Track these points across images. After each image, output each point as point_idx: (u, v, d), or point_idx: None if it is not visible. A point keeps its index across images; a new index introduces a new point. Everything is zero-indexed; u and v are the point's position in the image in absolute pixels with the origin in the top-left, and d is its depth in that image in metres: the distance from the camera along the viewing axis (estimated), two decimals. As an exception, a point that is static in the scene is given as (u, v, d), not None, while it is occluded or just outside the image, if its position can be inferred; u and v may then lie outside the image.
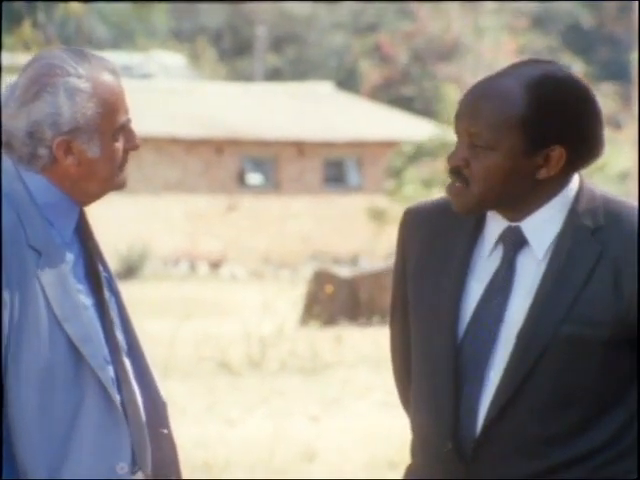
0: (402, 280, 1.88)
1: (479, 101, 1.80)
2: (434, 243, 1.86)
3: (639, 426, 1.81)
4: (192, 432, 6.55)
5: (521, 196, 1.80)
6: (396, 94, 28.83)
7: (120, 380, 1.86)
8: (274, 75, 30.11)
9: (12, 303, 1.81)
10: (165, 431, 1.91)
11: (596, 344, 1.77)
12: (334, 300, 11.72)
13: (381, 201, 20.13)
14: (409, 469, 1.88)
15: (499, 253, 1.82)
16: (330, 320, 11.20)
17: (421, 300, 1.85)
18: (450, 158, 1.82)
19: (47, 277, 1.83)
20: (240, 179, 20.67)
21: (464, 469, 1.79)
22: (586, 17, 32.78)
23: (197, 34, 31.82)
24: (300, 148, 20.87)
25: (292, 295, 12.31)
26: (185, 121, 20.51)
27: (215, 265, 19.86)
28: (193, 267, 19.69)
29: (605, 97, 29.39)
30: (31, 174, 1.87)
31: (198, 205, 20.34)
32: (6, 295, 1.80)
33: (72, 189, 1.88)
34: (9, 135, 1.86)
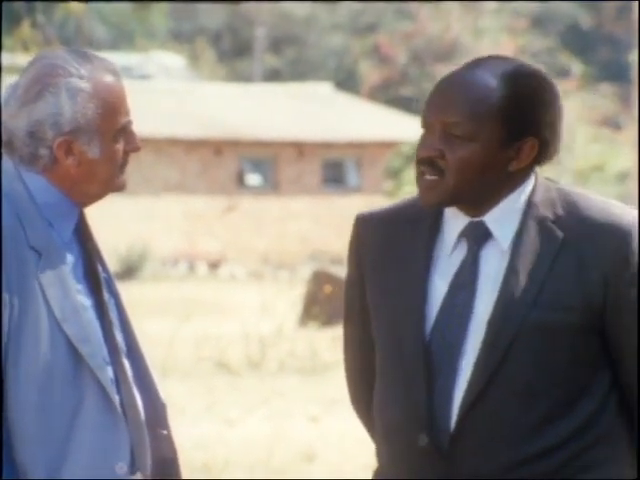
0: (359, 284, 1.87)
1: (456, 91, 1.79)
2: (391, 246, 1.85)
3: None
4: (191, 432, 6.55)
5: (490, 189, 1.80)
6: (395, 95, 28.83)
7: (119, 381, 1.87)
8: (273, 76, 30.11)
9: (12, 303, 1.81)
10: (164, 432, 1.91)
11: (565, 330, 1.78)
12: (333, 300, 11.72)
13: (380, 202, 20.12)
14: (377, 472, 1.87)
15: (462, 249, 1.82)
16: (329, 320, 11.19)
17: (384, 301, 1.84)
18: (421, 149, 1.80)
19: (47, 278, 1.83)
20: (239, 180, 20.67)
21: (440, 462, 1.78)
22: (585, 18, 32.78)
23: (196, 35, 31.82)
24: (299, 149, 20.88)
25: (291, 295, 12.30)
26: (184, 122, 20.51)
27: (214, 266, 19.86)
28: (192, 268, 19.69)
29: (604, 98, 29.40)
30: (31, 174, 1.87)
31: (197, 206, 20.34)
32: (6, 295, 1.81)
33: (72, 190, 1.88)
34: (10, 134, 1.86)
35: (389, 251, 1.85)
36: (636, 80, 21.61)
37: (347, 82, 28.50)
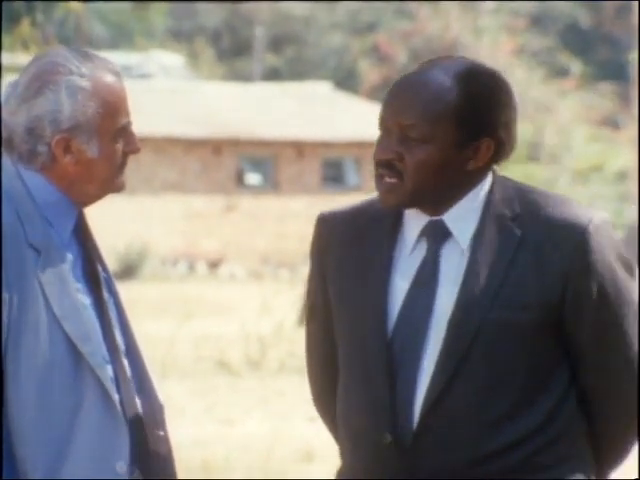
0: (321, 283, 1.88)
1: (412, 94, 1.80)
2: (353, 246, 1.86)
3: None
4: (191, 432, 6.54)
5: (448, 189, 1.81)
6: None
7: (119, 380, 1.86)
8: (273, 75, 30.10)
9: (11, 302, 1.81)
10: (161, 433, 1.90)
11: (523, 328, 1.79)
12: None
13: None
14: (340, 472, 1.88)
15: (422, 248, 1.83)
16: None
17: (347, 301, 1.85)
18: (379, 152, 1.83)
19: (46, 276, 1.83)
20: (239, 179, 20.67)
21: (403, 461, 1.79)
22: (584, 17, 32.78)
23: (196, 34, 31.81)
24: (299, 148, 20.87)
25: (291, 295, 12.30)
26: (184, 121, 20.51)
27: (214, 265, 19.86)
28: (192, 267, 19.68)
29: (603, 97, 29.39)
30: (30, 172, 1.86)
31: (197, 205, 20.33)
32: (5, 294, 1.80)
33: (70, 189, 1.87)
34: (9, 131, 1.86)
35: (351, 251, 1.86)
36: (636, 79, 21.62)
37: (347, 81, 28.50)
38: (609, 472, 1.89)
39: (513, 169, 25.03)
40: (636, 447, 1.87)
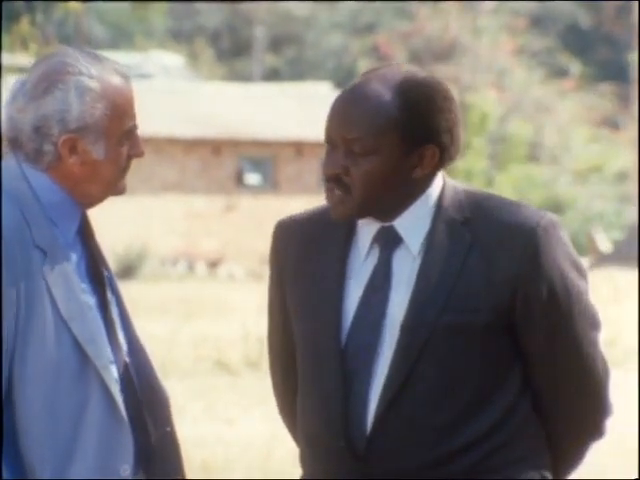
0: (279, 288, 1.92)
1: (352, 108, 1.83)
2: (309, 251, 1.88)
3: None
4: (190, 432, 6.55)
5: (397, 197, 1.84)
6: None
7: (122, 380, 1.87)
8: (272, 75, 30.11)
9: (19, 303, 1.81)
10: (167, 429, 1.91)
11: (475, 331, 1.80)
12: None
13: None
14: (301, 477, 1.90)
15: (375, 254, 1.85)
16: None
17: (302, 306, 1.87)
18: (327, 166, 1.86)
19: (53, 277, 1.83)
20: (238, 179, 20.67)
21: (357, 466, 1.81)
22: (584, 17, 32.78)
23: (195, 34, 31.81)
24: (298, 148, 20.88)
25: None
26: (183, 121, 20.51)
27: (213, 265, 19.86)
28: (191, 267, 19.69)
29: (603, 98, 29.39)
30: (35, 172, 1.87)
31: (196, 205, 20.33)
32: (13, 294, 1.80)
33: (74, 190, 1.88)
34: (16, 129, 1.86)
35: (306, 258, 1.88)
36: (636, 80, 21.61)
37: (346, 81, 28.31)
38: (566, 474, 1.90)
39: (513, 169, 25.02)
40: (636, 447, 1.87)
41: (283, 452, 6.23)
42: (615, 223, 22.68)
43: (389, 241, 1.84)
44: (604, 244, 19.94)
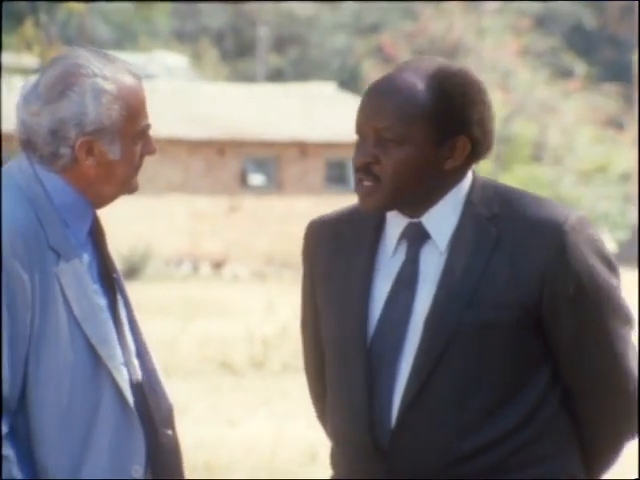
0: (310, 287, 1.92)
1: (385, 97, 1.82)
2: (339, 250, 1.88)
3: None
4: (194, 432, 6.54)
5: (428, 189, 1.83)
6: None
7: (132, 381, 1.87)
8: (276, 76, 30.10)
9: (34, 304, 1.81)
10: (170, 432, 1.91)
11: (500, 328, 1.79)
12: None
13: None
14: (332, 475, 1.90)
15: (403, 250, 1.85)
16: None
17: (331, 303, 1.87)
18: (357, 157, 1.85)
19: (66, 278, 1.84)
20: (242, 180, 20.67)
21: (382, 463, 1.81)
22: (589, 18, 32.75)
23: (199, 35, 31.82)
24: (302, 149, 20.87)
25: (295, 295, 12.24)
26: (187, 122, 20.51)
27: (217, 265, 19.86)
28: (195, 268, 19.69)
29: (607, 98, 29.36)
30: (48, 174, 1.87)
31: (200, 206, 20.33)
32: (28, 295, 1.81)
33: (87, 190, 1.88)
34: (31, 132, 1.86)
35: (336, 256, 1.90)
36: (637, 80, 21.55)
37: (350, 82, 28.50)
38: (600, 473, 1.88)
39: (517, 170, 25.00)
40: (636, 447, 1.86)
41: (287, 453, 6.22)
42: (620, 223, 22.67)
43: (417, 237, 1.83)
44: (609, 244, 19.93)
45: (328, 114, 21.68)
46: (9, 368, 1.79)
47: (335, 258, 1.88)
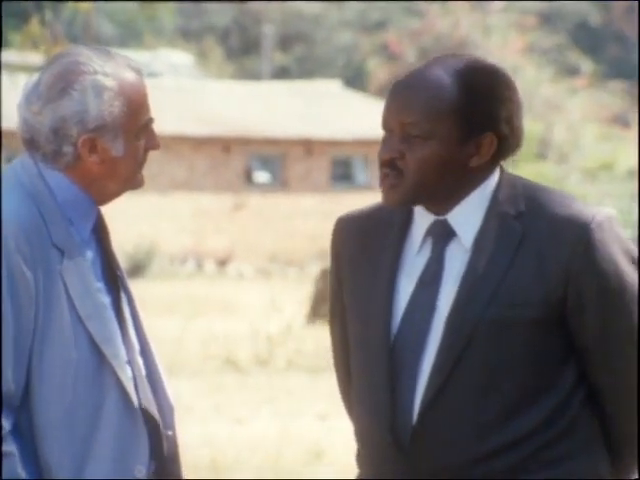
0: (338, 285, 1.91)
1: (411, 92, 1.81)
2: (366, 246, 1.88)
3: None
4: (199, 431, 6.54)
5: (452, 186, 1.82)
6: (404, 92, 28.68)
7: (136, 380, 1.87)
8: (281, 73, 30.09)
9: (37, 302, 1.81)
10: (170, 433, 1.91)
11: (521, 325, 1.78)
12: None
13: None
14: (358, 474, 1.90)
15: (428, 248, 1.84)
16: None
17: (356, 301, 1.87)
18: (382, 151, 1.84)
19: (70, 275, 1.83)
20: (247, 177, 20.66)
21: (404, 461, 1.80)
22: (594, 15, 32.69)
23: (204, 33, 31.82)
24: (307, 146, 20.86)
25: (299, 293, 12.30)
26: (192, 119, 20.51)
27: (222, 263, 19.86)
28: (200, 265, 19.69)
29: (614, 95, 29.31)
30: (52, 172, 1.87)
31: (205, 203, 20.33)
32: (32, 293, 1.81)
33: (91, 187, 1.88)
34: (33, 131, 1.86)
35: (362, 253, 1.89)
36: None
37: (356, 80, 28.48)
38: (629, 473, 1.86)
39: (523, 167, 24.96)
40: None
41: (293, 451, 6.21)
42: (626, 221, 22.64)
43: (442, 235, 1.82)
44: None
45: (333, 112, 21.66)
46: (12, 364, 1.79)
47: (361, 255, 1.87)
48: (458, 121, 1.79)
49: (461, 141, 1.80)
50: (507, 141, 1.82)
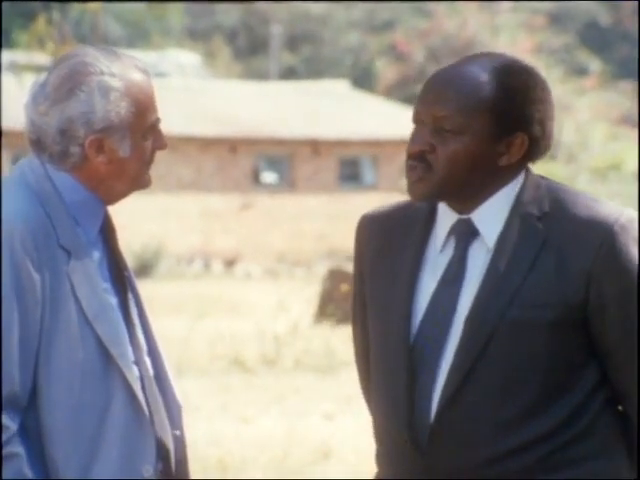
0: (360, 282, 1.91)
1: (447, 86, 1.80)
2: (388, 244, 1.87)
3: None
4: (206, 430, 6.54)
5: (480, 184, 1.82)
6: (411, 92, 28.76)
7: (143, 380, 1.87)
8: (289, 74, 30.10)
9: (44, 303, 1.81)
10: (178, 433, 1.91)
11: (542, 327, 1.77)
12: (349, 298, 11.67)
13: (396, 199, 20.02)
14: (376, 475, 1.90)
15: (451, 247, 1.83)
16: (344, 318, 11.18)
17: (377, 299, 1.86)
18: (412, 143, 1.83)
19: (77, 276, 1.84)
20: (255, 178, 20.67)
21: (421, 459, 1.80)
22: (603, 15, 32.64)
23: (212, 33, 31.85)
24: (315, 147, 20.85)
25: (307, 293, 12.29)
26: (200, 120, 20.53)
27: (229, 263, 19.87)
28: (207, 265, 19.70)
29: (623, 95, 29.25)
30: (59, 173, 1.87)
31: (212, 204, 20.35)
32: (39, 294, 1.81)
33: (98, 188, 1.88)
34: (40, 132, 1.86)
35: (385, 251, 1.88)
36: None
37: (363, 80, 28.47)
38: None
39: (532, 167, 24.89)
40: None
41: (300, 451, 6.21)
42: (633, 222, 22.57)
43: (465, 234, 1.82)
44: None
45: (341, 112, 21.65)
46: (19, 365, 1.80)
47: (384, 253, 1.86)
48: (492, 118, 1.78)
49: (493, 139, 1.78)
50: (538, 143, 1.81)
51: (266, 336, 9.67)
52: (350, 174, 21.06)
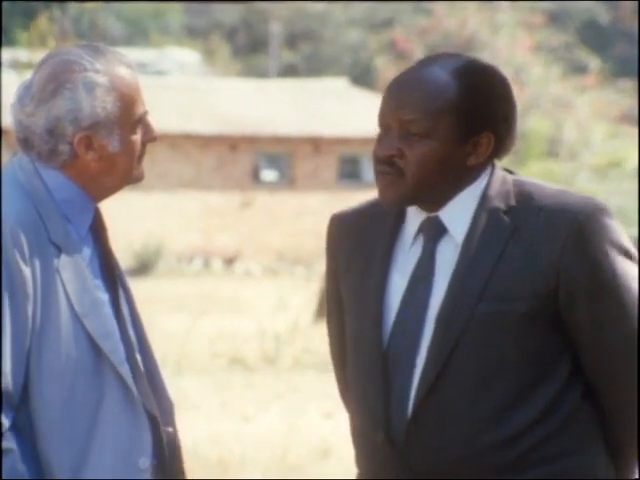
0: (334, 282, 1.91)
1: (411, 89, 1.80)
2: (359, 244, 1.87)
3: None
4: (206, 429, 6.54)
5: (450, 184, 1.82)
6: (411, 90, 28.67)
7: (135, 376, 1.86)
8: (289, 71, 30.08)
9: (35, 299, 1.81)
10: (170, 429, 1.90)
11: (514, 320, 1.76)
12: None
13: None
14: (357, 476, 1.88)
15: (419, 245, 1.83)
16: (345, 317, 11.17)
17: (350, 299, 1.87)
18: (380, 148, 1.83)
19: (67, 273, 1.83)
20: (255, 176, 20.67)
21: (396, 459, 1.78)
22: (603, 13, 32.63)
23: (211, 31, 31.83)
24: (315, 144, 20.85)
25: (307, 291, 12.30)
26: (199, 118, 20.52)
27: (229, 261, 19.86)
28: (207, 263, 19.70)
29: (622, 94, 29.24)
30: (49, 170, 1.86)
31: (212, 201, 20.34)
32: (30, 291, 1.80)
33: (89, 184, 1.88)
34: (28, 132, 1.86)
35: (357, 249, 1.88)
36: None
37: (363, 78, 28.45)
38: (630, 472, 1.83)
39: (532, 165, 24.93)
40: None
41: (300, 449, 6.21)
42: (635, 219, 22.61)
43: (434, 231, 1.82)
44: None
45: (341, 110, 21.64)
46: (11, 361, 1.79)
47: (355, 253, 1.86)
48: (458, 120, 1.78)
49: (460, 140, 1.78)
50: (503, 141, 1.81)
51: (266, 334, 9.67)
52: (350, 172, 21.06)
